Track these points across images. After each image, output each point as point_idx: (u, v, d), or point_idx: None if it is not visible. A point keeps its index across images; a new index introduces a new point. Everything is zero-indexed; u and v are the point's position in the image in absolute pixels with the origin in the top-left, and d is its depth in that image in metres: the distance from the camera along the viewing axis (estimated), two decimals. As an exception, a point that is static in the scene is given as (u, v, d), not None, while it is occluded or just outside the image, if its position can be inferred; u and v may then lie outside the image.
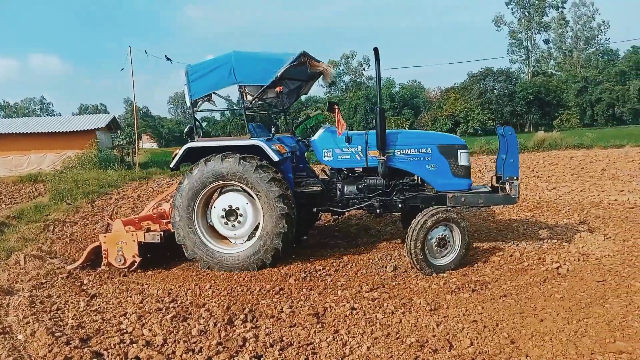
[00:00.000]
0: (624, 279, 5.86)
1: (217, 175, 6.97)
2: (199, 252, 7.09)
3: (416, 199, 7.44)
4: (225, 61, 7.29)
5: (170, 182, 17.21)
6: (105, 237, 7.28)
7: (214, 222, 7.18)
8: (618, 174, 14.93)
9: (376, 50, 7.00)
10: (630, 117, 63.05)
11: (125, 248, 7.18)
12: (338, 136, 7.38)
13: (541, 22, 78.59)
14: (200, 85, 7.26)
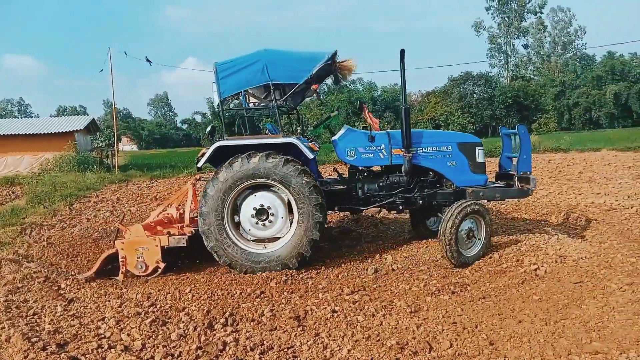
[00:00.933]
0: (600, 280, 5.96)
1: (247, 174, 6.86)
2: (235, 256, 6.89)
3: (436, 195, 7.75)
4: (257, 59, 7.23)
5: (150, 185, 17.07)
6: (123, 244, 6.93)
7: (244, 223, 7.09)
8: (595, 177, 15.19)
9: (402, 51, 7.30)
10: (606, 121, 64.28)
11: (146, 254, 6.92)
12: (374, 133, 7.60)
13: (520, 27, 79.75)
14: (231, 82, 7.17)
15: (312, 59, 7.30)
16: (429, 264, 7.21)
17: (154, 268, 6.95)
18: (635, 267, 6.33)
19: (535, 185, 7.72)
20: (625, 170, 15.90)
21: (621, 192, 12.37)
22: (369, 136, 7.58)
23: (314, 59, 7.28)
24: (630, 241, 7.65)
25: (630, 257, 6.72)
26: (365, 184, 7.79)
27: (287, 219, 7.10)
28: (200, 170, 7.61)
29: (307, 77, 7.20)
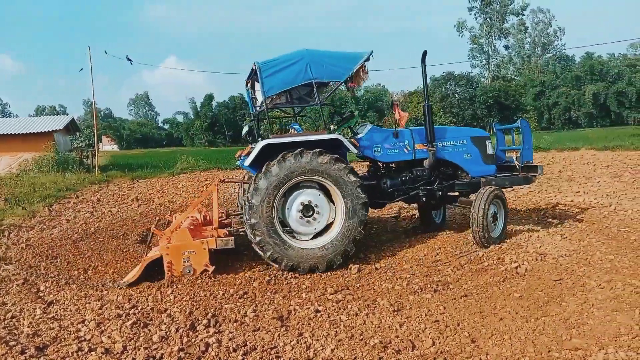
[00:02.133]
0: (580, 277, 6.05)
1: (298, 170, 6.97)
2: (282, 252, 6.95)
3: (454, 186, 8.33)
4: (299, 57, 7.38)
5: (131, 185, 16.89)
6: (169, 249, 6.75)
7: (290, 219, 7.19)
8: (574, 175, 15.41)
9: (424, 53, 8.00)
10: (585, 120, 65.19)
11: (193, 258, 6.77)
12: (406, 130, 8.05)
13: (502, 28, 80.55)
14: (275, 81, 7.25)
15: (351, 58, 7.56)
16: (412, 263, 7.25)
17: (202, 272, 6.78)
18: (613, 265, 6.44)
19: (543, 172, 8.58)
20: (604, 169, 16.14)
21: (600, 190, 12.57)
22: (393, 133, 8.00)
23: (352, 58, 7.55)
24: (608, 239, 7.78)
25: (608, 255, 6.83)
26: (389, 179, 8.12)
27: (329, 216, 7.29)
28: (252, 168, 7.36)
29: (347, 76, 7.46)
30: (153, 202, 13.83)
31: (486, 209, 7.52)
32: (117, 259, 8.06)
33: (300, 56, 7.40)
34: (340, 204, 7.19)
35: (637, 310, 4.99)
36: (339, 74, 7.53)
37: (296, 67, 7.30)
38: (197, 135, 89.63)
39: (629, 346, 4.32)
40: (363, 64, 7.48)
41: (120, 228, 10.53)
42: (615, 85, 64.20)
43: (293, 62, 7.35)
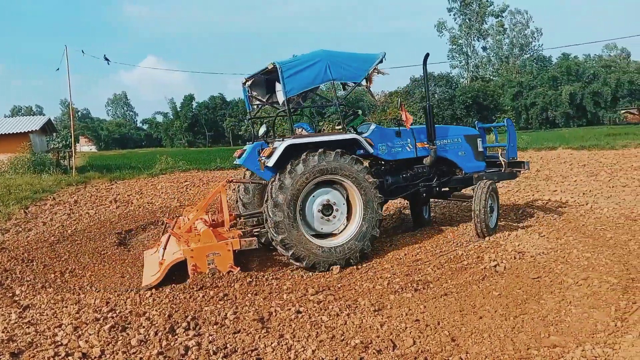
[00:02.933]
0: (558, 275, 6.13)
1: (321, 170, 7.11)
2: (304, 250, 7.03)
3: (450, 181, 8.84)
4: (318, 58, 7.45)
5: (109, 187, 16.67)
6: (193, 251, 6.59)
7: (311, 218, 7.31)
8: (551, 174, 15.64)
9: (426, 55, 8.50)
10: (562, 120, 66.24)
11: (218, 259, 6.66)
12: (407, 129, 8.33)
13: (481, 29, 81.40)
14: (296, 82, 7.26)
15: (367, 59, 7.77)
16: (393, 262, 7.27)
17: (227, 273, 6.67)
18: (590, 262, 6.55)
19: (529, 167, 9.50)
20: (580, 168, 16.42)
21: (576, 189, 12.78)
22: (396, 132, 8.29)
23: (368, 59, 7.76)
24: (585, 237, 7.90)
25: (585, 253, 6.94)
26: (390, 176, 8.39)
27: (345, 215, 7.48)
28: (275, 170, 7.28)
29: (364, 77, 7.69)
30: (132, 204, 13.65)
31: (486, 201, 7.95)
32: (94, 262, 7.94)
33: (320, 57, 7.46)
34: (359, 203, 7.39)
35: (613, 307, 5.08)
36: (356, 75, 7.70)
37: (316, 67, 7.37)
38: (176, 136, 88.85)
39: (606, 342, 4.39)
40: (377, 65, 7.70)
41: (98, 230, 10.37)
42: (591, 86, 65.35)
43: (313, 63, 7.41)
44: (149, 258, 7.66)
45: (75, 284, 6.86)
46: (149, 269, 7.05)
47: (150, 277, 6.66)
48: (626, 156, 18.24)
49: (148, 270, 7.03)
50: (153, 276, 6.65)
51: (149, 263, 7.41)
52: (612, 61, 76.47)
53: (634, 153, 18.93)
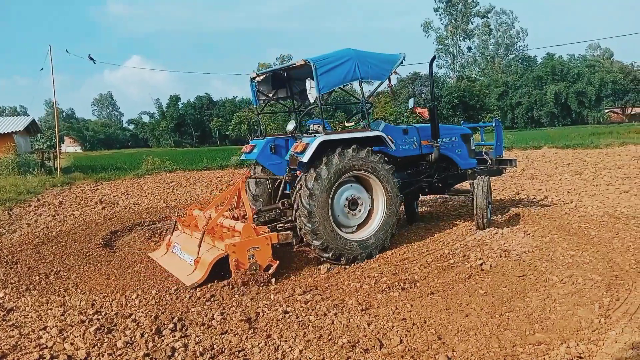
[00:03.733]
0: (542, 273, 6.20)
1: (353, 165, 7.37)
2: (334, 243, 7.19)
3: (447, 178, 9.32)
4: (347, 57, 7.58)
5: (95, 188, 16.53)
6: (235, 246, 6.43)
7: (337, 211, 7.48)
8: (536, 173, 15.79)
9: (433, 58, 9.05)
10: (547, 119, 66.94)
11: (258, 254, 6.55)
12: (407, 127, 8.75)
13: (466, 29, 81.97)
14: (329, 79, 7.38)
15: (389, 60, 8.08)
16: (380, 262, 7.29)
17: (267, 267, 6.60)
18: (575, 260, 6.63)
19: (516, 164, 10.24)
20: (565, 167, 16.60)
21: (561, 188, 12.92)
22: (403, 130, 8.58)
23: (391, 60, 8.08)
24: (570, 235, 7.99)
25: (570, 251, 7.03)
26: (397, 172, 8.42)
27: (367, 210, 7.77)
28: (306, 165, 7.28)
29: (387, 77, 7.99)
30: (117, 205, 13.54)
31: (486, 194, 8.49)
32: (80, 264, 7.86)
33: (349, 55, 7.61)
34: (382, 199, 7.72)
35: (597, 304, 5.15)
36: (380, 75, 7.97)
37: (346, 66, 7.54)
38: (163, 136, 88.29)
39: (589, 339, 4.46)
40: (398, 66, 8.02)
41: (83, 232, 10.27)
42: (576, 85, 66.12)
43: (344, 61, 7.55)
44: (168, 259, 7.37)
45: (60, 286, 6.78)
46: (179, 269, 6.84)
47: (188, 276, 6.48)
48: (610, 155, 18.49)
49: (179, 271, 6.79)
50: (191, 275, 6.47)
51: (171, 264, 7.15)
52: (596, 61, 77.35)
53: (617, 152, 19.20)
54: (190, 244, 7.11)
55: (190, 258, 6.76)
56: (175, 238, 7.60)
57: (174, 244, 7.42)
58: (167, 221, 11.08)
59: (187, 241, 7.28)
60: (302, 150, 7.13)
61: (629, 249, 7.08)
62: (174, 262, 7.18)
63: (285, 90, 8.93)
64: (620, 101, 73.40)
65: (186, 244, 7.22)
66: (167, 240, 7.76)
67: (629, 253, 6.90)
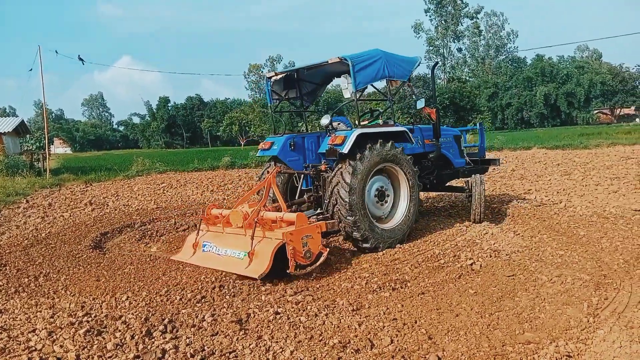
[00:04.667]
0: (532, 273, 6.25)
1: (383, 158, 7.84)
2: (370, 232, 7.55)
3: (442, 175, 9.85)
4: (377, 56, 8.12)
5: (85, 189, 16.42)
6: (292, 234, 6.48)
7: (369, 202, 7.83)
8: (526, 174, 15.89)
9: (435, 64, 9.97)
10: (536, 120, 67.41)
11: (310, 242, 6.66)
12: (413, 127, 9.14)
13: (456, 30, 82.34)
14: (363, 76, 7.87)
15: (410, 61, 8.76)
16: (371, 262, 7.30)
17: (318, 255, 6.68)
18: (564, 260, 6.69)
19: (500, 163, 11.21)
20: (555, 167, 16.73)
21: (550, 188, 13.01)
22: (410, 129, 8.84)
23: (411, 62, 8.77)
24: (559, 235, 8.06)
25: (559, 250, 7.08)
26: None
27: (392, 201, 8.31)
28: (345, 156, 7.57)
29: (408, 77, 8.61)
30: (107, 206, 13.47)
31: (484, 192, 9.30)
32: (69, 266, 7.80)
33: (379, 55, 8.13)
34: (406, 189, 8.29)
35: (586, 304, 5.20)
36: (403, 75, 8.57)
37: (377, 64, 8.05)
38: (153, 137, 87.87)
39: (578, 338, 4.50)
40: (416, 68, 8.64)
41: (73, 233, 10.19)
42: (565, 86, 66.64)
43: (375, 60, 8.05)
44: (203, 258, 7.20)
45: (49, 288, 6.73)
46: (227, 265, 6.74)
47: (249, 269, 6.40)
48: (599, 155, 18.66)
49: (230, 266, 6.69)
50: (251, 268, 6.39)
51: (212, 261, 7.01)
52: (585, 62, 78.03)
53: (606, 152, 19.37)
54: (227, 239, 7.10)
55: (238, 252, 6.71)
56: (203, 238, 7.48)
57: (204, 243, 7.33)
58: (157, 222, 11.04)
59: (222, 238, 7.23)
60: (342, 142, 7.46)
61: (617, 249, 7.15)
62: (213, 259, 7.02)
63: (295, 90, 9.43)
64: (609, 102, 74.12)
65: (222, 241, 7.15)
66: (194, 241, 7.52)
67: (617, 253, 6.97)
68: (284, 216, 6.89)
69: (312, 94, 10.03)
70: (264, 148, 8.74)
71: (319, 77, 9.71)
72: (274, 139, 8.78)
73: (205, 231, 7.56)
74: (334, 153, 7.53)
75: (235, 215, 7.16)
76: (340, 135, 7.55)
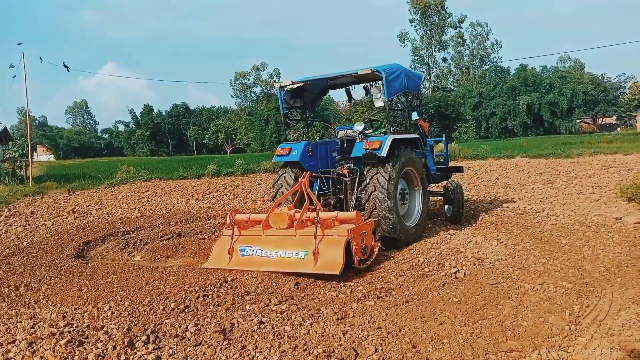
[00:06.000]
0: (515, 281, 6.30)
1: (407, 161, 8.64)
2: (400, 229, 8.22)
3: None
4: (400, 70, 8.92)
5: (68, 197, 16.24)
6: (354, 231, 6.86)
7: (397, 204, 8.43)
8: (509, 182, 16.03)
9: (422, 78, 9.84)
10: (520, 129, 68.14)
11: (366, 238, 7.14)
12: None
13: (441, 40, 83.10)
14: (392, 87, 8.61)
15: (419, 76, 9.98)
16: (356, 270, 7.29)
17: (372, 250, 7.19)
18: (546, 268, 6.75)
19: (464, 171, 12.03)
20: (538, 176, 16.89)
21: (533, 196, 13.15)
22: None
23: (419, 76, 10.08)
24: (542, 243, 8.15)
25: (541, 258, 7.15)
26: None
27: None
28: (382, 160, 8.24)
29: (419, 90, 9.67)
30: (90, 215, 13.32)
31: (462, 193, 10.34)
32: (51, 275, 7.69)
33: (400, 69, 8.93)
34: (420, 192, 9.15)
35: (568, 311, 5.25)
36: (416, 88, 9.59)
37: (401, 77, 8.79)
38: (138, 145, 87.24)
39: (560, 346, 4.53)
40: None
41: (55, 242, 10.06)
42: (548, 96, 67.47)
43: (399, 73, 8.80)
44: (249, 262, 7.35)
45: (30, 298, 6.62)
46: (286, 266, 7.01)
47: (319, 267, 6.73)
48: (581, 164, 18.88)
49: (290, 266, 6.98)
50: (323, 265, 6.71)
51: (263, 264, 7.19)
52: (568, 72, 79.19)
53: (588, 161, 19.60)
54: (274, 242, 7.32)
55: (296, 252, 7.02)
56: (241, 243, 7.55)
57: (242, 248, 7.48)
58: (141, 231, 10.94)
59: (265, 241, 7.40)
60: (379, 146, 8.14)
61: (598, 257, 7.24)
62: (263, 262, 7.21)
63: (300, 100, 9.96)
64: (591, 112, 75.28)
65: (268, 243, 7.33)
66: (228, 246, 7.54)
67: (598, 261, 7.06)
68: (338, 215, 7.28)
69: (313, 104, 10.62)
70: (282, 154, 9.12)
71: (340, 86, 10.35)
72: (291, 145, 9.22)
73: (238, 236, 7.61)
74: (372, 157, 8.13)
75: (279, 217, 7.39)
76: (376, 141, 8.23)
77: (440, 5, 79.12)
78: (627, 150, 21.41)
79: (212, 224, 11.36)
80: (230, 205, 14.60)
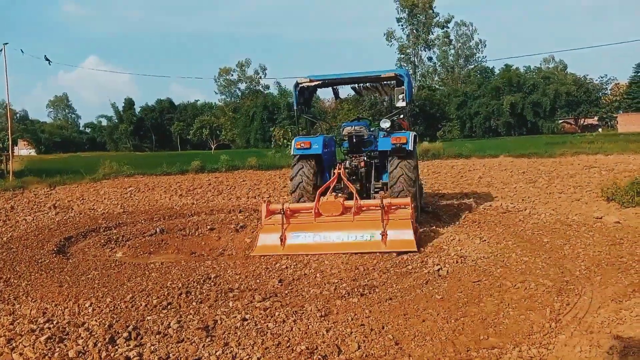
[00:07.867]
0: (497, 279, 6.35)
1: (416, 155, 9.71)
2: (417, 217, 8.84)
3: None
4: (409, 74, 9.93)
5: (49, 192, 16.03)
6: (412, 214, 8.07)
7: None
8: (493, 181, 16.18)
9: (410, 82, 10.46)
10: (504, 129, 68.70)
11: (414, 220, 8.24)
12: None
13: (427, 39, 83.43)
14: (411, 88, 9.52)
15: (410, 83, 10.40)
16: (340, 267, 7.31)
17: (416, 229, 8.25)
18: (528, 266, 6.82)
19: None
20: (520, 175, 17.07)
21: (516, 195, 13.29)
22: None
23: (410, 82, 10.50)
24: (524, 241, 8.23)
25: (523, 257, 7.23)
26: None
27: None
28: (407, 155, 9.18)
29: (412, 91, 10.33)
30: (72, 210, 13.17)
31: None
32: (31, 271, 7.58)
33: (407, 74, 9.91)
34: (418, 184, 9.81)
35: (549, 309, 5.32)
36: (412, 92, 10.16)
37: (411, 81, 9.33)
38: (121, 140, 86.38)
39: (541, 343, 4.59)
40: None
41: (36, 237, 9.92)
42: (531, 96, 68.09)
43: (410, 77, 9.72)
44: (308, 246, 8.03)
45: (9, 294, 6.52)
46: (356, 248, 7.82)
47: (391, 245, 7.73)
48: (563, 164, 19.11)
49: (360, 248, 7.81)
50: (395, 243, 7.76)
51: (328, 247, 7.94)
52: (551, 73, 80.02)
53: (570, 161, 19.84)
54: (334, 226, 8.15)
55: (362, 234, 7.95)
56: (292, 230, 8.21)
57: (295, 234, 8.15)
58: (124, 227, 10.84)
59: (322, 226, 8.19)
60: (406, 141, 9.03)
61: (579, 255, 7.34)
62: (325, 245, 7.98)
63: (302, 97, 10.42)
64: (574, 112, 76.13)
65: (326, 228, 8.14)
66: (280, 235, 8.11)
67: (579, 259, 7.15)
68: (392, 201, 8.29)
69: (308, 103, 11.14)
70: (304, 147, 9.41)
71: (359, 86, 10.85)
72: (309, 139, 9.58)
73: (287, 224, 8.20)
74: (401, 150, 9.03)
75: (332, 205, 8.33)
76: (403, 136, 9.12)
77: (428, 4, 79.42)
78: (608, 151, 21.71)
79: (195, 221, 11.28)
80: (214, 202, 14.52)
